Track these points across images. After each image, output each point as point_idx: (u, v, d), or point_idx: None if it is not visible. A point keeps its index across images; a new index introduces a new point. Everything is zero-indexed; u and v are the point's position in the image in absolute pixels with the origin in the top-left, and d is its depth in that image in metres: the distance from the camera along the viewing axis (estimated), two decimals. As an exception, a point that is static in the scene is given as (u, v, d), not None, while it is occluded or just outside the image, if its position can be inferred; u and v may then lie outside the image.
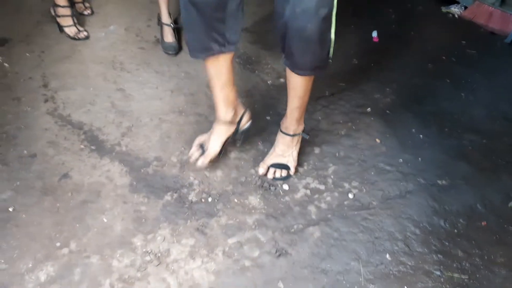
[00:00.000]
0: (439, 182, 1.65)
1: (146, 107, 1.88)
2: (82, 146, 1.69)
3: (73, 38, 2.24)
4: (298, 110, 1.47)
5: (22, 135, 1.71)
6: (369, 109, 1.93)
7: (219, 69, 1.35)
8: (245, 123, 1.58)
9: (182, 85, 2.01)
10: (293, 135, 1.55)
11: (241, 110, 1.55)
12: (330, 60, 1.27)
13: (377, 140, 1.79)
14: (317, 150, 1.75)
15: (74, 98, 1.90)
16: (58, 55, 2.14)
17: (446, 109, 1.99)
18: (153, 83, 2.01)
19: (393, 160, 1.72)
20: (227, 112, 1.47)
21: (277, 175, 1.60)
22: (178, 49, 2.22)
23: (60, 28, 2.26)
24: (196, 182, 1.59)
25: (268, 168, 1.61)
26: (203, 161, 1.51)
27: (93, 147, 1.69)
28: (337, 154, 1.74)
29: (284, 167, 1.60)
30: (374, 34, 2.48)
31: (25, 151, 1.64)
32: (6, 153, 1.63)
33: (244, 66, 2.16)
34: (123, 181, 1.57)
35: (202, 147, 1.56)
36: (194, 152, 1.56)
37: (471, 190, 1.64)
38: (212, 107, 1.86)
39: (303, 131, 1.58)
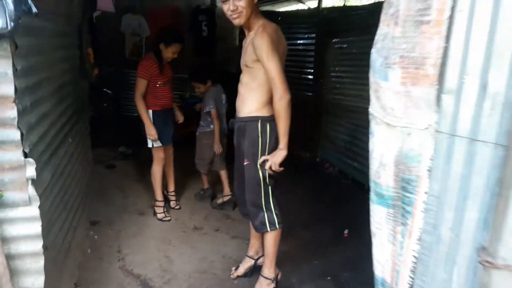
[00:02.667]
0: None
1: (181, 268, 2.87)
2: (138, 289, 2.65)
3: (160, 220, 3.54)
4: (266, 258, 2.49)
5: (102, 279, 2.71)
6: (329, 278, 2.82)
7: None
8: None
9: (206, 256, 3.04)
10: (261, 275, 2.52)
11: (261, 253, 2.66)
12: (268, 229, 2.40)
13: (332, 299, 2.63)
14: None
15: (137, 260, 2.94)
16: (129, 233, 3.30)
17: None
18: (188, 254, 3.06)
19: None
20: (249, 249, 2.74)
21: None
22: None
23: (154, 212, 3.59)
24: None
25: None
26: (233, 274, 2.74)
27: (144, 290, 2.64)
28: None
29: None
30: (346, 231, 3.51)
31: (103, 289, 2.62)
32: (91, 290, 2.61)
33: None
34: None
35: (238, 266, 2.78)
36: (233, 268, 2.79)
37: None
38: (224, 270, 2.84)
39: (272, 280, 2.52)
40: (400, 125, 1.24)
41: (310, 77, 5.65)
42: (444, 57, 1.06)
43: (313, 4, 5.70)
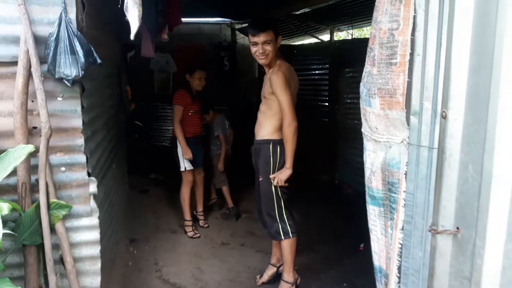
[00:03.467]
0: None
1: (211, 277, 3.23)
2: (174, 295, 3.00)
3: (190, 237, 3.91)
4: (284, 263, 2.81)
5: (143, 286, 3.08)
6: (345, 284, 3.11)
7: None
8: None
9: (233, 267, 3.39)
10: (282, 280, 2.83)
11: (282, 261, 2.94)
12: (282, 238, 2.71)
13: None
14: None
15: (172, 271, 3.31)
16: (164, 249, 3.68)
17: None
18: (217, 265, 3.41)
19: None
20: (272, 258, 2.99)
21: None
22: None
23: (185, 231, 3.97)
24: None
25: None
26: (258, 282, 3.05)
27: (180, 296, 2.99)
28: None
29: None
30: (362, 245, 3.79)
31: (144, 296, 2.99)
32: (134, 296, 2.98)
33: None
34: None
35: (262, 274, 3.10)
36: (258, 276, 3.11)
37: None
38: (249, 278, 3.18)
39: (292, 284, 2.83)
40: (383, 140, 1.60)
41: (326, 104, 6.05)
42: (408, 88, 1.43)
43: (326, 38, 6.16)
